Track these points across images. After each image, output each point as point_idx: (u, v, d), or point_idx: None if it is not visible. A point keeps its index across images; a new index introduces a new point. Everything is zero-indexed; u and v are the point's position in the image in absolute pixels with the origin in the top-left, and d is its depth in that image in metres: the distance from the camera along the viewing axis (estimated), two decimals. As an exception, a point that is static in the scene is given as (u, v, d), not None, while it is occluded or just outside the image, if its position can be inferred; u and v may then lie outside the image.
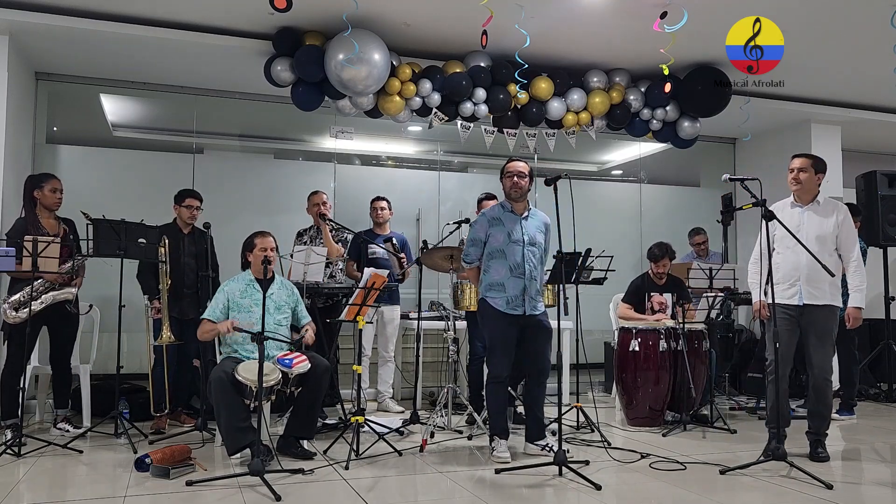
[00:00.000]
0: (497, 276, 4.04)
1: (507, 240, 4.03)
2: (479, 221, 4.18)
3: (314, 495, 3.30)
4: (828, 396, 4.08)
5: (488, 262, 4.10)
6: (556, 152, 6.18)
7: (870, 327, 6.84)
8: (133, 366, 5.19)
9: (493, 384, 4.05)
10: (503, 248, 4.03)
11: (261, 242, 4.20)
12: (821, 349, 4.00)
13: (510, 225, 4.05)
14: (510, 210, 4.11)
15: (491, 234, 4.08)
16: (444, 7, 4.79)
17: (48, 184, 4.50)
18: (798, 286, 4.01)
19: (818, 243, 3.96)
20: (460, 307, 4.99)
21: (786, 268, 4.05)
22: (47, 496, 3.26)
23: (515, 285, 4.00)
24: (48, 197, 4.49)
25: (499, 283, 4.02)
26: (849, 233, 4.04)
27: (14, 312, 4.23)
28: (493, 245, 4.07)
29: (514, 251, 4.02)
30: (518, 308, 4.00)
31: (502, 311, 4.00)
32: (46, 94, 5.82)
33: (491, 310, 4.04)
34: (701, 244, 6.65)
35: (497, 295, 4.02)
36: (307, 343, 4.16)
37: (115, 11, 4.81)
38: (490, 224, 4.10)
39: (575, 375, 5.22)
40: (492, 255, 4.07)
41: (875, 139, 7.74)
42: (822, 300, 3.99)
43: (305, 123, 6.87)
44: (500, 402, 4.05)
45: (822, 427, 4.10)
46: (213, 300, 4.16)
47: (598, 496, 3.32)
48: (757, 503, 3.35)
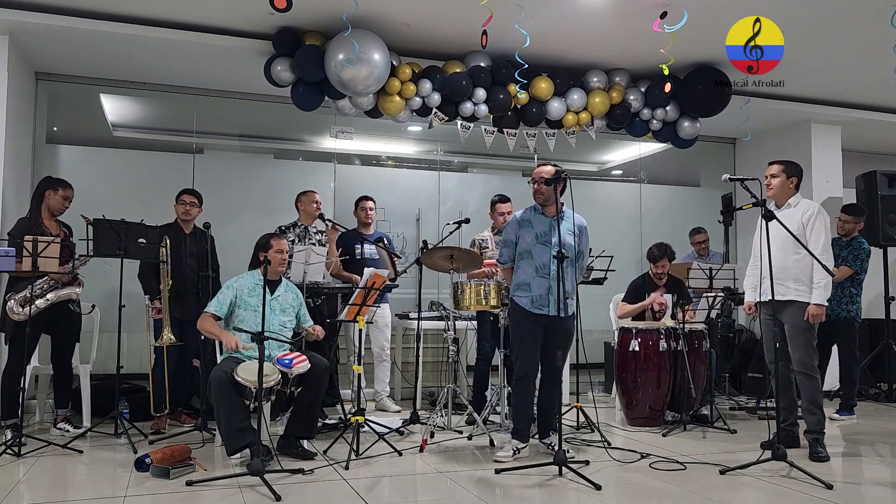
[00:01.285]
0: (524, 276, 4.11)
1: (534, 241, 4.10)
2: (510, 223, 4.28)
3: (314, 495, 3.30)
4: (812, 392, 4.11)
5: (518, 263, 4.18)
6: (556, 152, 6.18)
7: (870, 327, 6.84)
8: (133, 366, 5.20)
9: (518, 382, 4.08)
10: (531, 248, 4.11)
11: (277, 244, 4.21)
12: (795, 344, 4.12)
13: (539, 227, 4.12)
14: (541, 212, 4.17)
15: (521, 235, 4.16)
16: (444, 7, 4.79)
17: (63, 190, 4.56)
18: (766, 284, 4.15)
19: (786, 244, 4.09)
20: (460, 307, 4.99)
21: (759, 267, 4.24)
22: (47, 496, 3.26)
23: (540, 285, 4.05)
24: (57, 201, 4.53)
25: (525, 283, 4.09)
26: (813, 231, 4.13)
27: (20, 308, 4.24)
28: (521, 246, 4.16)
29: (542, 252, 4.08)
30: (543, 307, 4.03)
31: (527, 309, 4.06)
32: (46, 94, 5.82)
33: (518, 309, 4.11)
34: (701, 243, 6.66)
35: (523, 294, 4.09)
36: (317, 337, 4.21)
37: (115, 11, 4.81)
38: (520, 226, 4.18)
39: (575, 375, 5.22)
40: (521, 255, 4.16)
41: (875, 139, 7.74)
42: (786, 296, 4.13)
43: (305, 123, 6.88)
44: (524, 401, 4.07)
45: (816, 424, 4.11)
46: (219, 294, 4.15)
47: (598, 496, 3.32)
48: (757, 503, 3.36)
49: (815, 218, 4.14)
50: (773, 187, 4.24)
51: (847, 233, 5.62)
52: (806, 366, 4.10)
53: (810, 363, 4.11)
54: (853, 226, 5.62)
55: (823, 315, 4.09)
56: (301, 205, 5.36)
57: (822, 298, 4.07)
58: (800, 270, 4.12)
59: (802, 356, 4.11)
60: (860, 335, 5.65)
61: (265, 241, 4.24)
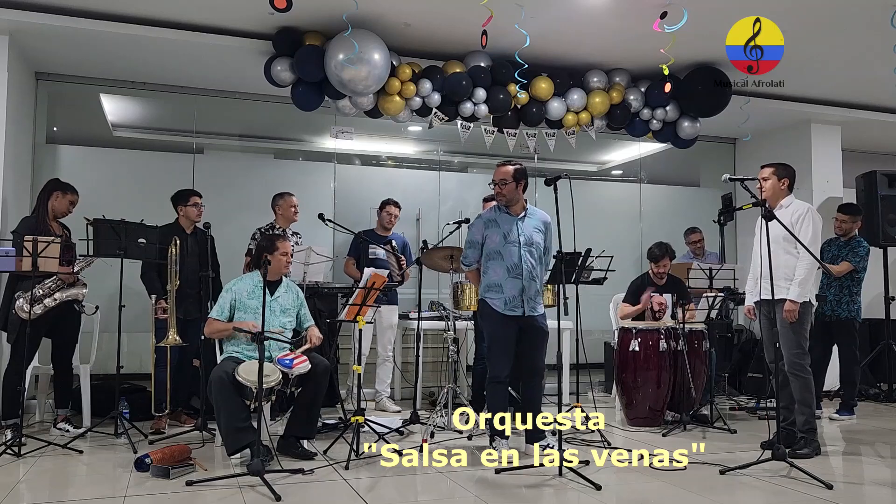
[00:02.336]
0: (495, 277, 4.06)
1: (502, 241, 4.05)
2: (476, 224, 4.22)
3: (314, 495, 3.30)
4: (801, 391, 4.10)
5: (486, 264, 4.12)
6: (556, 152, 6.18)
7: (870, 327, 6.84)
8: (133, 366, 5.19)
9: (493, 384, 4.06)
10: (500, 249, 4.05)
11: (282, 246, 4.18)
12: (785, 343, 4.13)
13: (506, 226, 4.07)
14: (505, 211, 4.13)
15: (487, 235, 4.11)
16: (444, 7, 4.79)
17: (71, 195, 4.59)
18: (760, 283, 4.20)
19: (777, 244, 4.12)
20: (460, 307, 5.00)
21: (753, 267, 4.33)
22: (47, 496, 3.26)
23: (513, 286, 4.01)
24: (63, 204, 4.55)
25: (497, 284, 4.04)
26: (801, 229, 4.16)
27: (28, 307, 4.23)
28: (489, 246, 4.10)
29: (511, 252, 4.03)
30: (517, 309, 4.01)
31: (500, 311, 4.02)
32: (46, 94, 5.82)
33: (489, 310, 4.06)
34: (696, 242, 6.66)
35: (495, 296, 4.04)
36: (314, 345, 4.16)
37: (115, 11, 4.81)
38: (486, 226, 4.13)
39: (575, 375, 5.22)
40: (489, 256, 4.10)
41: (875, 139, 7.74)
42: (778, 295, 4.12)
43: (305, 123, 6.87)
44: (500, 403, 4.05)
45: (804, 424, 4.10)
46: (220, 299, 4.14)
47: (598, 496, 3.32)
48: (757, 503, 3.36)
49: (804, 217, 4.18)
50: (766, 190, 4.27)
51: (845, 232, 5.63)
52: (795, 365, 4.10)
53: (800, 363, 4.11)
54: (850, 225, 5.63)
55: (796, 314, 4.08)
56: (279, 208, 5.30)
57: (797, 295, 4.08)
58: (791, 270, 4.14)
59: (792, 355, 4.12)
60: (860, 335, 5.65)
61: (270, 243, 4.18)
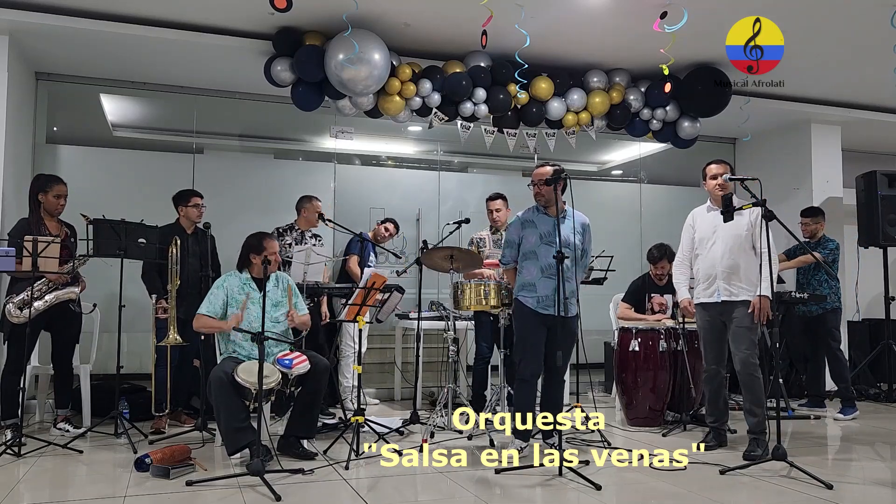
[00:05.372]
0: (529, 277, 4.10)
1: (538, 241, 4.09)
2: (514, 224, 4.28)
3: (314, 495, 3.30)
4: (754, 391, 4.08)
5: (522, 263, 4.17)
6: (556, 152, 6.19)
7: (870, 327, 6.84)
8: (133, 366, 5.19)
9: (520, 382, 4.08)
10: (535, 249, 4.10)
11: (270, 247, 4.17)
12: (741, 343, 4.11)
13: (542, 227, 4.11)
14: (543, 212, 4.16)
15: (524, 235, 4.16)
16: (444, 7, 4.80)
17: (53, 189, 4.48)
18: (716, 284, 4.18)
19: (734, 242, 4.13)
20: (460, 307, 4.99)
21: (705, 268, 4.25)
22: (47, 496, 3.26)
23: (546, 286, 4.04)
24: (51, 202, 4.48)
25: (530, 284, 4.09)
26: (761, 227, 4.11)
27: (18, 311, 4.24)
28: (525, 246, 4.15)
29: (546, 252, 4.06)
30: (549, 308, 4.02)
31: (533, 309, 4.05)
32: (46, 94, 5.82)
33: (522, 308, 4.10)
34: None
35: (528, 294, 4.08)
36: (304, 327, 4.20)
37: (116, 11, 4.81)
38: (523, 226, 4.18)
39: (575, 375, 5.22)
40: (525, 256, 4.15)
41: (875, 139, 7.74)
42: (739, 296, 4.13)
43: (305, 123, 6.88)
44: (526, 402, 4.06)
45: (757, 425, 4.07)
46: (210, 296, 4.14)
47: (598, 496, 3.32)
48: (757, 503, 3.36)
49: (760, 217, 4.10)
50: (728, 187, 4.24)
51: (812, 234, 5.72)
52: (748, 365, 4.08)
53: (753, 362, 4.09)
54: (815, 226, 5.74)
55: (769, 309, 4.03)
56: (304, 210, 5.34)
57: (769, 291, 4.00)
58: (750, 270, 4.10)
59: (746, 356, 4.09)
60: (860, 335, 5.65)
61: (258, 244, 4.17)
